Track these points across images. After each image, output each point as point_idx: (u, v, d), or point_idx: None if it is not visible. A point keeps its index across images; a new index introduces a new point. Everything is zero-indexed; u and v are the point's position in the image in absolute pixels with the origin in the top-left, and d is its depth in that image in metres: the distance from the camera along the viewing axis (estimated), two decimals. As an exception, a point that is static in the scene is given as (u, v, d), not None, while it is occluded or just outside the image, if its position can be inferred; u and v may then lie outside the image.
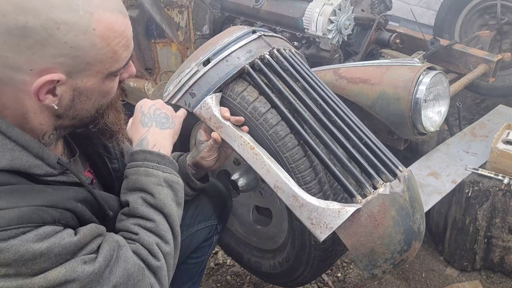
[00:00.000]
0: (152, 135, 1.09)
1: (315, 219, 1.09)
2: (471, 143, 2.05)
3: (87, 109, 0.88)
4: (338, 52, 2.08)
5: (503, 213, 1.84)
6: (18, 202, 0.77)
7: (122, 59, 0.85)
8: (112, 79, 0.87)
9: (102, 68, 0.83)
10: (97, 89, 0.86)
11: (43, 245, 0.77)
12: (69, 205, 0.84)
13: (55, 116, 0.86)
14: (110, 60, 0.83)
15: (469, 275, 1.99)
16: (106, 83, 0.87)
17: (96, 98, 0.88)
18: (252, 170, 1.19)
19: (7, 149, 0.80)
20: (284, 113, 1.18)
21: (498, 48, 2.74)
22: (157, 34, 2.59)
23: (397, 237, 1.11)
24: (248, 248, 1.65)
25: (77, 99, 0.85)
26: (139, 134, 1.10)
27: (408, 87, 1.62)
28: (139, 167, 1.03)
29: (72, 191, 0.87)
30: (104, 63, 0.83)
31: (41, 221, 0.78)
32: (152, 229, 0.98)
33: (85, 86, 0.83)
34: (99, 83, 0.85)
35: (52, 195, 0.82)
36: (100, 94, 0.88)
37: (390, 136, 1.83)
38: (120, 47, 0.84)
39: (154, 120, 1.12)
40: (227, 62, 1.22)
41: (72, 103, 0.85)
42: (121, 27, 0.83)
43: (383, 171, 1.14)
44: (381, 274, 1.16)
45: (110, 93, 0.90)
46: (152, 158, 1.04)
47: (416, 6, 3.85)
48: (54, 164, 0.86)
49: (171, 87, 1.28)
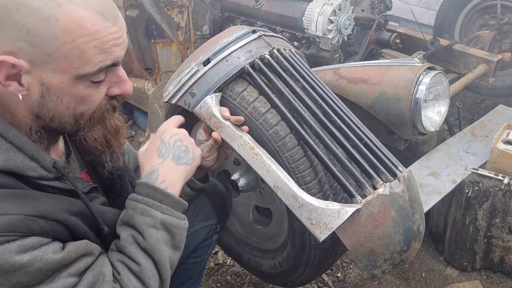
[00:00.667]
0: (165, 169, 1.02)
1: (315, 219, 1.09)
2: (471, 143, 2.05)
3: (62, 112, 0.84)
4: (338, 52, 2.08)
5: (503, 213, 1.84)
6: (9, 209, 0.76)
7: (93, 63, 0.79)
8: (86, 84, 0.82)
9: (68, 67, 0.78)
10: (67, 90, 0.81)
11: (24, 257, 0.75)
12: (61, 218, 0.82)
13: (34, 114, 0.84)
14: (77, 60, 0.78)
15: (469, 275, 1.99)
16: (79, 87, 0.81)
17: (70, 102, 0.83)
18: (252, 170, 1.19)
19: (3, 150, 0.80)
20: (284, 113, 1.18)
21: (498, 48, 2.74)
22: (157, 34, 2.59)
23: (397, 237, 1.11)
24: (248, 248, 1.65)
25: (47, 96, 0.81)
26: (151, 164, 1.03)
27: (408, 87, 1.62)
28: (138, 203, 0.96)
29: (67, 202, 0.86)
30: (69, 61, 0.78)
31: (29, 231, 0.76)
32: (136, 273, 0.92)
33: (52, 83, 0.79)
34: (69, 84, 0.80)
35: (45, 205, 0.81)
36: (73, 98, 0.82)
37: (390, 136, 1.83)
38: (90, 48, 0.78)
39: (172, 152, 1.04)
40: (227, 62, 1.22)
41: (43, 101, 0.81)
42: (94, 27, 0.78)
43: (383, 172, 1.14)
44: (381, 274, 1.16)
45: (87, 101, 0.84)
46: (156, 195, 0.97)
47: (416, 6, 3.85)
48: (49, 167, 0.85)
49: (171, 87, 1.28)
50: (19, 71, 0.77)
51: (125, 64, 2.88)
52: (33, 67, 0.77)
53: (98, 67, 0.80)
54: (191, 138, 1.09)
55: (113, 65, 0.83)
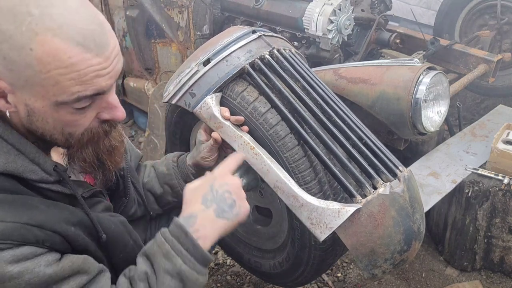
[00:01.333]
0: (204, 219, 0.98)
1: (315, 219, 1.09)
2: (471, 143, 2.05)
3: (50, 130, 0.82)
4: (338, 52, 2.08)
5: (503, 213, 1.84)
6: (5, 216, 0.75)
7: (70, 92, 0.76)
8: (69, 110, 0.79)
9: (46, 94, 0.76)
10: (49, 114, 0.79)
11: (15, 268, 0.74)
12: (59, 228, 0.81)
13: (25, 129, 0.83)
14: (53, 89, 0.75)
15: (469, 275, 1.99)
16: (61, 113, 0.79)
17: (56, 124, 0.81)
18: (252, 170, 1.19)
19: (3, 152, 0.80)
20: (284, 113, 1.18)
21: (498, 48, 2.74)
22: (157, 34, 2.59)
23: (397, 237, 1.11)
24: (248, 248, 1.65)
25: (32, 116, 0.79)
26: (193, 207, 0.99)
27: (408, 87, 1.62)
28: (166, 242, 0.94)
29: (67, 212, 0.85)
30: (46, 89, 0.75)
31: (22, 240, 0.75)
32: None
33: (34, 106, 0.77)
34: (51, 109, 0.78)
35: (43, 214, 0.80)
36: (58, 121, 0.81)
37: (390, 136, 1.83)
38: (66, 80, 0.75)
39: (216, 203, 0.99)
40: (227, 62, 1.22)
41: (30, 119, 0.80)
42: (70, 59, 0.74)
43: (383, 171, 1.14)
44: (381, 274, 1.16)
45: (73, 124, 0.83)
46: (185, 242, 0.94)
47: (416, 6, 3.86)
48: (50, 170, 0.85)
49: (171, 87, 1.28)
50: (3, 91, 0.76)
51: (125, 64, 2.88)
52: (15, 89, 0.76)
53: (76, 96, 0.77)
54: (243, 192, 1.05)
55: (97, 94, 0.80)
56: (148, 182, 1.30)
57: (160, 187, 1.29)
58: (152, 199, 1.30)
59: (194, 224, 0.96)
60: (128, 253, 1.00)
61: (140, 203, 1.23)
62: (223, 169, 1.05)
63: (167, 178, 1.29)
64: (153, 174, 1.31)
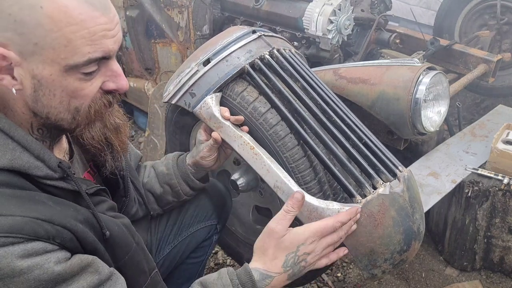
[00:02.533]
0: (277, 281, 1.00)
1: (315, 219, 1.09)
2: (471, 143, 2.05)
3: (56, 107, 0.82)
4: (338, 52, 2.09)
5: (503, 213, 1.84)
6: (14, 211, 0.74)
7: (81, 53, 0.77)
8: (77, 76, 0.79)
9: (56, 57, 0.76)
10: (58, 83, 0.79)
11: (25, 263, 0.73)
12: (68, 224, 0.80)
13: (31, 111, 0.82)
14: (65, 50, 0.75)
15: (469, 275, 1.99)
16: (69, 80, 0.79)
17: (62, 96, 0.81)
18: (252, 170, 1.19)
19: (8, 149, 0.80)
20: (284, 113, 1.19)
21: (498, 48, 2.74)
22: (157, 34, 2.59)
23: (397, 237, 1.11)
24: (248, 248, 1.65)
25: (39, 90, 0.79)
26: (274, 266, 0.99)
27: (408, 87, 1.62)
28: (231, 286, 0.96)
29: (72, 210, 0.84)
30: (57, 51, 0.75)
31: (33, 234, 0.75)
32: None
33: (42, 75, 0.77)
34: (59, 76, 0.78)
35: (52, 210, 0.79)
36: (65, 91, 0.80)
37: (390, 136, 1.83)
38: (78, 38, 0.75)
39: (293, 270, 1.01)
40: (227, 62, 1.22)
41: (36, 95, 0.80)
42: (81, 16, 0.75)
43: (382, 171, 1.14)
44: (381, 274, 1.16)
45: (80, 94, 0.82)
46: None
47: (416, 6, 3.86)
48: (54, 167, 0.84)
49: (171, 87, 1.28)
50: (10, 64, 0.76)
51: (125, 64, 2.88)
52: (23, 58, 0.76)
53: (87, 58, 0.78)
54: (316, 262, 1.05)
55: (104, 58, 0.81)
56: (148, 182, 1.30)
57: (160, 187, 1.29)
58: (152, 199, 1.30)
59: (266, 285, 0.98)
60: (132, 256, 0.99)
61: (141, 202, 1.23)
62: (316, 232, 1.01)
63: (167, 178, 1.29)
64: (153, 174, 1.31)
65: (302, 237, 1.00)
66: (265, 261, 1.00)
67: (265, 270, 0.99)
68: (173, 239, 1.37)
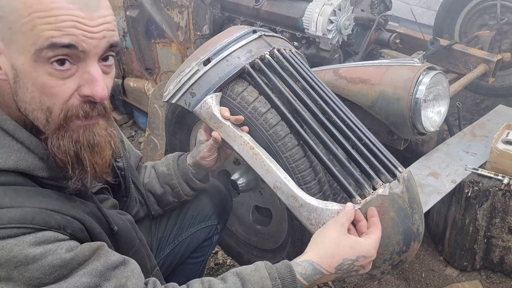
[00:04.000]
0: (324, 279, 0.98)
1: (314, 220, 1.09)
2: (471, 143, 2.05)
3: (29, 102, 0.79)
4: (338, 52, 2.08)
5: (503, 213, 1.84)
6: (23, 202, 0.76)
7: (45, 36, 0.74)
8: (46, 69, 0.76)
9: (26, 43, 0.75)
10: (29, 74, 0.76)
11: (37, 249, 0.74)
12: (77, 214, 0.81)
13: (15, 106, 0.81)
14: (31, 34, 0.74)
15: (469, 275, 1.99)
16: (39, 72, 0.76)
17: (33, 90, 0.78)
18: (252, 170, 1.19)
19: (14, 150, 0.80)
20: (284, 113, 1.19)
21: (498, 48, 2.73)
22: (157, 34, 2.59)
23: (396, 238, 1.11)
24: (248, 248, 1.66)
25: (17, 82, 0.77)
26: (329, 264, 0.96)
27: (408, 87, 1.62)
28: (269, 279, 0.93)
29: (78, 202, 0.85)
30: (25, 36, 0.74)
31: (44, 224, 0.76)
32: None
33: (17, 65, 0.76)
34: (30, 66, 0.76)
35: (59, 202, 0.80)
36: (35, 86, 0.77)
37: (390, 136, 1.83)
38: (42, 22, 0.74)
39: (343, 273, 0.99)
40: (228, 61, 1.22)
41: (15, 87, 0.78)
42: (52, 4, 0.74)
43: (382, 172, 1.14)
44: (380, 274, 1.16)
45: (50, 92, 0.78)
46: None
47: (416, 6, 3.86)
48: None
49: (171, 86, 1.28)
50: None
51: (125, 64, 2.88)
52: (4, 45, 0.76)
53: (50, 41, 0.74)
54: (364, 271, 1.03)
55: (73, 47, 0.76)
56: (148, 183, 1.30)
57: (160, 187, 1.29)
58: (152, 200, 1.31)
59: (315, 280, 0.96)
60: (135, 252, 1.01)
61: (142, 203, 1.23)
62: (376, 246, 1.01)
63: (168, 178, 1.29)
64: (153, 175, 1.31)
65: (365, 250, 0.98)
66: (322, 255, 0.97)
67: (319, 265, 0.96)
68: (174, 239, 1.37)
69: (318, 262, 0.96)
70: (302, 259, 0.97)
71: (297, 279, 0.94)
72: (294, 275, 0.94)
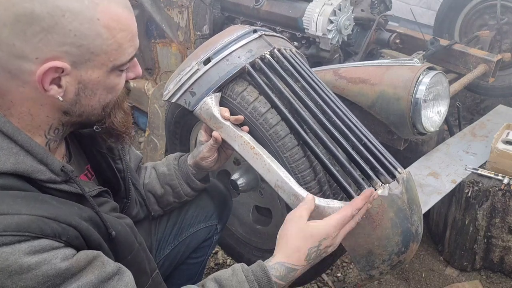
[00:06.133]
0: (300, 273, 1.02)
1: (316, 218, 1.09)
2: (471, 143, 2.05)
3: (93, 105, 0.88)
4: (338, 52, 2.08)
5: (503, 213, 1.84)
6: (20, 209, 0.75)
7: (127, 53, 0.86)
8: (117, 74, 0.87)
9: (107, 60, 0.83)
10: (102, 83, 0.85)
11: (32, 259, 0.73)
12: (73, 221, 0.81)
13: (62, 112, 0.86)
14: (115, 53, 0.83)
15: (469, 275, 1.99)
16: (112, 78, 0.86)
17: (101, 93, 0.87)
18: (252, 170, 1.19)
19: (12, 153, 0.80)
20: (284, 113, 1.19)
21: (498, 48, 2.73)
22: (157, 34, 2.59)
23: (395, 238, 1.11)
24: (248, 248, 1.65)
25: (82, 93, 0.84)
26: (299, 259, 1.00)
27: (408, 87, 1.62)
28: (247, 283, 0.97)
29: (76, 208, 0.85)
30: (108, 55, 0.83)
31: (40, 232, 0.75)
32: None
33: (90, 79, 0.83)
34: (104, 77, 0.85)
35: (56, 209, 0.80)
36: (105, 89, 0.87)
37: (390, 136, 1.83)
38: (126, 41, 0.84)
39: (314, 261, 1.03)
40: (228, 61, 1.22)
41: (77, 98, 0.85)
42: (127, 21, 0.85)
43: (381, 173, 1.14)
44: (379, 275, 1.16)
45: (115, 89, 0.90)
46: None
47: (416, 6, 3.86)
48: (57, 171, 0.85)
49: (171, 86, 1.28)
50: (60, 74, 0.80)
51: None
52: (74, 67, 0.81)
53: (130, 56, 0.87)
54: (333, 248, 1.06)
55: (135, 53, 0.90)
56: (149, 183, 1.30)
57: (161, 188, 1.29)
58: (153, 200, 1.31)
59: (292, 278, 1.00)
60: (134, 256, 1.00)
61: (142, 204, 1.23)
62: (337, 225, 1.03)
63: (168, 179, 1.29)
64: (153, 175, 1.31)
65: (323, 232, 1.01)
66: (289, 253, 1.01)
67: (290, 263, 1.00)
68: (174, 239, 1.37)
69: (288, 261, 1.00)
70: (273, 262, 1.00)
71: (272, 279, 0.98)
72: (269, 276, 0.98)
